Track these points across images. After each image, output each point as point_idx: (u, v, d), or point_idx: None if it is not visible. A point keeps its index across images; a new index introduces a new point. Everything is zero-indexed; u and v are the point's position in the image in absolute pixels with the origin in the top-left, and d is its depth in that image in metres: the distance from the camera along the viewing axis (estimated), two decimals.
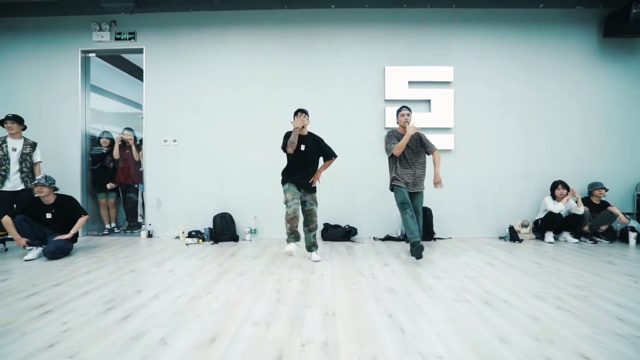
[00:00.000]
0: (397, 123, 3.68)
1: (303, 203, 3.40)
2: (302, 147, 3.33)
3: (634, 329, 1.85)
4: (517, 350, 1.63)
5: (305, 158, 3.36)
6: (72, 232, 3.64)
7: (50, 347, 1.65)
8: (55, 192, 3.67)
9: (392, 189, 3.61)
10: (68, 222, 3.69)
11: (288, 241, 3.27)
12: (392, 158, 3.57)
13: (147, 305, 2.22)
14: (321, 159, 3.56)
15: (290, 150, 3.23)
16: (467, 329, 1.86)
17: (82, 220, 3.73)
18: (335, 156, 3.51)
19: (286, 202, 3.23)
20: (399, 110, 3.63)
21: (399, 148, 3.43)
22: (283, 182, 3.39)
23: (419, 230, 3.47)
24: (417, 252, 3.21)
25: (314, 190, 3.46)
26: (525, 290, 2.48)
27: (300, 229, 3.42)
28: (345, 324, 1.94)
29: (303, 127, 3.30)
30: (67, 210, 3.70)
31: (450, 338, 1.76)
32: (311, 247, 3.49)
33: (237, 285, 2.63)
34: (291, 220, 3.20)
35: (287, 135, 3.32)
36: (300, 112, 3.28)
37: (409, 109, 3.59)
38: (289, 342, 1.73)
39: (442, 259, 3.46)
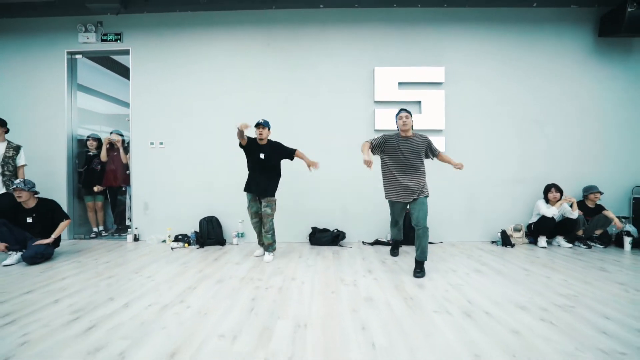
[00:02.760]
0: (398, 127, 3.33)
1: (260, 204, 3.60)
2: (262, 156, 3.52)
3: (618, 345, 1.76)
4: None
5: (265, 164, 3.54)
6: (53, 236, 3.58)
7: None
8: (35, 195, 3.60)
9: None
10: (49, 226, 3.62)
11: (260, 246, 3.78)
12: (382, 164, 3.36)
13: (115, 314, 2.15)
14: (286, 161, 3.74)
15: (242, 141, 3.52)
16: (442, 344, 1.77)
17: (63, 224, 3.66)
18: (295, 150, 3.70)
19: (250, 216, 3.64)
20: (397, 114, 3.33)
21: (364, 154, 3.11)
22: (244, 189, 3.63)
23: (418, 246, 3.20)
24: (394, 251, 3.49)
25: (267, 195, 3.55)
26: (509, 300, 2.39)
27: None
28: (316, 337, 1.86)
29: (261, 139, 3.52)
30: (48, 214, 3.63)
31: (422, 354, 1.67)
32: (268, 247, 3.64)
33: (212, 293, 2.55)
34: (258, 234, 3.70)
35: (248, 143, 3.55)
36: (259, 125, 3.49)
37: (408, 112, 3.27)
38: (253, 356, 1.65)
39: (429, 265, 3.37)
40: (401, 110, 3.31)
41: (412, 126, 3.26)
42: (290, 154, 3.67)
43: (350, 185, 4.53)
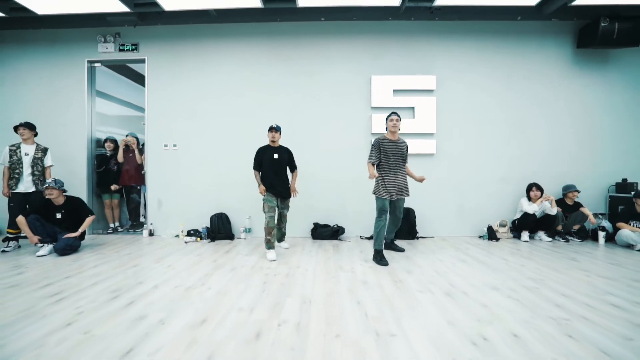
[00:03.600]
0: (386, 129, 3.69)
1: (278, 207, 3.92)
2: (276, 156, 3.83)
3: (565, 314, 2.15)
4: (459, 330, 1.93)
5: (278, 166, 3.85)
6: (80, 230, 3.96)
7: (68, 326, 1.97)
8: (64, 194, 3.99)
9: (374, 193, 3.75)
10: (76, 221, 4.00)
11: (268, 248, 3.69)
12: (381, 164, 3.62)
13: (148, 294, 2.53)
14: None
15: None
16: (423, 315, 2.16)
17: (89, 219, 4.05)
18: (296, 168, 4.11)
19: (264, 212, 3.71)
20: (388, 116, 3.67)
21: (369, 170, 3.54)
22: (269, 190, 3.78)
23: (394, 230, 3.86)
24: (382, 261, 3.41)
25: (288, 197, 3.98)
26: (485, 284, 2.77)
27: (287, 234, 4.02)
28: (319, 310, 2.24)
29: (274, 142, 3.87)
30: (75, 210, 4.01)
31: (405, 321, 2.06)
32: (282, 237, 4.17)
33: (228, 279, 2.94)
34: (270, 230, 3.67)
35: (259, 152, 3.86)
36: (272, 129, 3.86)
37: (398, 115, 3.64)
38: (268, 323, 2.04)
39: (419, 256, 3.76)
40: (392, 113, 3.66)
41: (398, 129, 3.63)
42: (293, 167, 4.07)
43: (349, 185, 4.91)
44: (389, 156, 3.59)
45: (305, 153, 4.82)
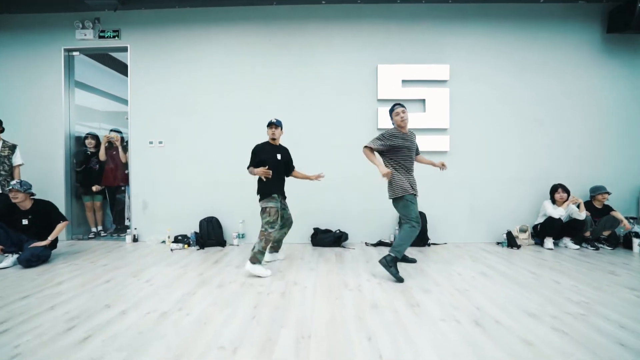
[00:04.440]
0: (393, 124, 3.22)
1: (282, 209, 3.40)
2: (279, 157, 3.33)
3: (633, 355, 1.69)
4: None
5: (281, 168, 3.36)
6: (50, 238, 3.51)
7: None
8: (32, 197, 3.53)
9: (399, 198, 3.04)
10: (46, 228, 3.55)
11: (257, 261, 3.05)
12: (390, 163, 3.13)
13: (112, 323, 2.08)
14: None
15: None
16: (452, 356, 1.70)
17: (60, 226, 3.59)
18: (294, 168, 3.61)
19: (272, 222, 3.13)
20: (392, 110, 3.18)
21: (367, 157, 3.14)
22: (267, 195, 3.21)
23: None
24: (397, 274, 2.91)
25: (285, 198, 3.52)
26: (519, 307, 2.32)
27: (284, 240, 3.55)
28: (320, 348, 1.78)
29: (274, 139, 3.34)
30: (44, 216, 3.56)
31: None
32: (279, 246, 3.62)
33: (213, 299, 2.48)
34: (270, 241, 3.15)
35: (257, 151, 3.29)
36: (272, 125, 3.30)
37: (403, 106, 3.16)
38: None
39: (434, 267, 3.30)
40: (395, 105, 3.14)
41: None
42: (291, 167, 3.54)
43: (352, 185, 4.44)
44: (403, 150, 3.06)
45: (305, 150, 4.35)
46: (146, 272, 3.17)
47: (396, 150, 3.06)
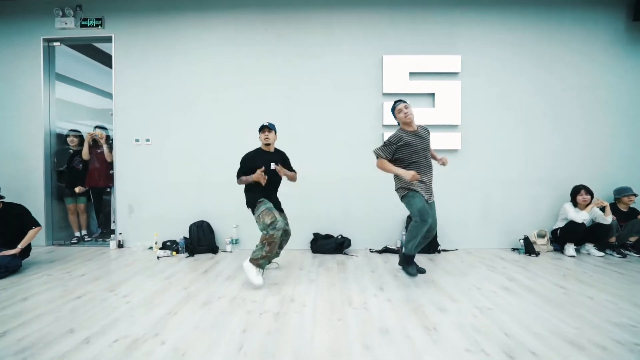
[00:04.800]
0: (398, 123, 3.00)
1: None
2: (272, 166, 2.96)
3: None
4: None
5: (275, 178, 3.01)
6: (20, 246, 3.16)
7: None
8: (0, 200, 3.18)
9: (403, 196, 2.93)
10: (16, 234, 3.21)
11: (259, 266, 2.75)
12: (399, 162, 2.89)
13: (70, 355, 1.73)
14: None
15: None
16: None
17: (32, 232, 3.25)
18: (295, 172, 3.22)
19: (271, 224, 2.73)
20: (393, 108, 2.96)
21: (385, 169, 2.89)
22: (254, 203, 2.91)
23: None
24: (411, 269, 2.91)
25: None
26: (555, 332, 1.96)
27: None
28: None
29: (268, 144, 3.00)
30: (15, 221, 3.22)
31: None
32: (277, 255, 3.21)
33: (195, 321, 2.13)
34: (276, 244, 2.76)
35: (245, 159, 2.97)
36: (264, 128, 2.96)
37: (405, 101, 2.92)
38: None
39: (448, 279, 2.95)
40: (397, 102, 2.93)
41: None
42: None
43: (355, 186, 4.09)
44: (417, 151, 2.85)
45: (303, 149, 4.01)
46: (125, 285, 2.82)
47: (411, 152, 2.84)
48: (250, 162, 2.92)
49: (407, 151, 2.85)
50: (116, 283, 2.89)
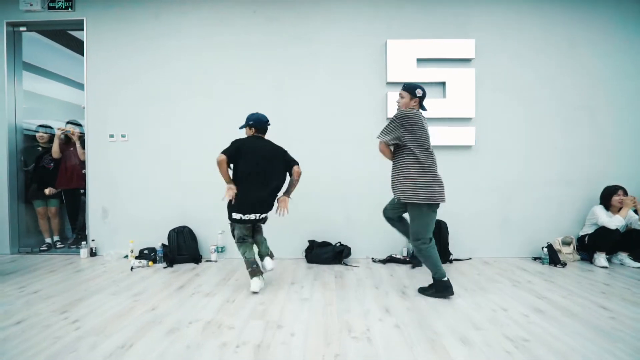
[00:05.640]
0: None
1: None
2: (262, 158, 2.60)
3: None
4: None
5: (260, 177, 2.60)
6: None
7: None
8: None
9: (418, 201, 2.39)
10: None
11: (253, 274, 2.60)
12: (408, 157, 2.42)
13: None
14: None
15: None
16: None
17: None
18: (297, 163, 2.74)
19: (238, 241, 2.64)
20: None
21: (385, 152, 2.53)
22: (229, 214, 2.62)
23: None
24: (447, 290, 2.45)
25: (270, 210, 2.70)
26: None
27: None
28: None
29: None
30: None
31: None
32: (265, 256, 2.80)
33: (154, 358, 1.67)
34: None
35: (234, 143, 2.61)
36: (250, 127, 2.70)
37: (406, 88, 2.51)
38: None
39: (466, 297, 2.49)
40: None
41: None
42: (289, 165, 2.70)
43: (356, 187, 3.64)
44: (426, 136, 2.44)
45: (296, 146, 3.53)
46: (81, 306, 2.36)
47: (414, 137, 2.41)
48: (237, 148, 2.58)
49: (418, 132, 2.41)
50: (71, 302, 2.43)
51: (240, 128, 2.77)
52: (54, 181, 4.06)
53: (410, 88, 2.47)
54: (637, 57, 3.64)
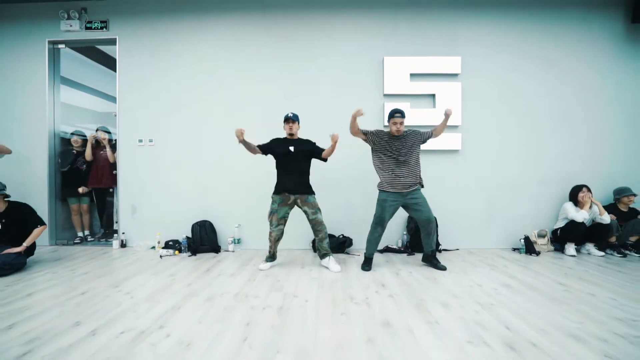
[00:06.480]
0: (390, 130, 3.23)
1: (305, 213, 3.29)
2: (292, 148, 3.21)
3: None
4: None
5: (291, 162, 3.21)
6: (25, 244, 3.19)
7: None
8: (6, 199, 3.22)
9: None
10: (22, 233, 3.23)
11: (266, 260, 3.35)
12: (375, 158, 3.31)
13: (77, 346, 1.75)
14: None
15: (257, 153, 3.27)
16: None
17: (37, 231, 3.27)
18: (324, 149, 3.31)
19: (270, 223, 3.25)
20: (390, 116, 3.19)
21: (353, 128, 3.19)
22: (274, 193, 3.29)
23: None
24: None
25: (310, 196, 3.28)
26: (557, 327, 1.98)
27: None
28: None
29: (292, 134, 3.27)
30: (20, 219, 3.25)
31: None
32: (325, 255, 3.33)
33: (200, 316, 2.15)
34: (275, 241, 3.28)
35: (272, 140, 3.34)
36: (288, 120, 3.25)
37: (403, 115, 3.14)
38: None
39: (449, 277, 2.97)
40: (395, 114, 3.16)
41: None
42: (319, 152, 3.27)
43: (357, 186, 4.13)
44: (392, 153, 3.20)
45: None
46: (129, 282, 2.84)
47: (381, 151, 3.23)
48: (273, 143, 3.29)
49: (384, 149, 3.20)
50: (119, 280, 2.91)
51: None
52: (85, 181, 4.55)
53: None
54: (599, 72, 4.13)
